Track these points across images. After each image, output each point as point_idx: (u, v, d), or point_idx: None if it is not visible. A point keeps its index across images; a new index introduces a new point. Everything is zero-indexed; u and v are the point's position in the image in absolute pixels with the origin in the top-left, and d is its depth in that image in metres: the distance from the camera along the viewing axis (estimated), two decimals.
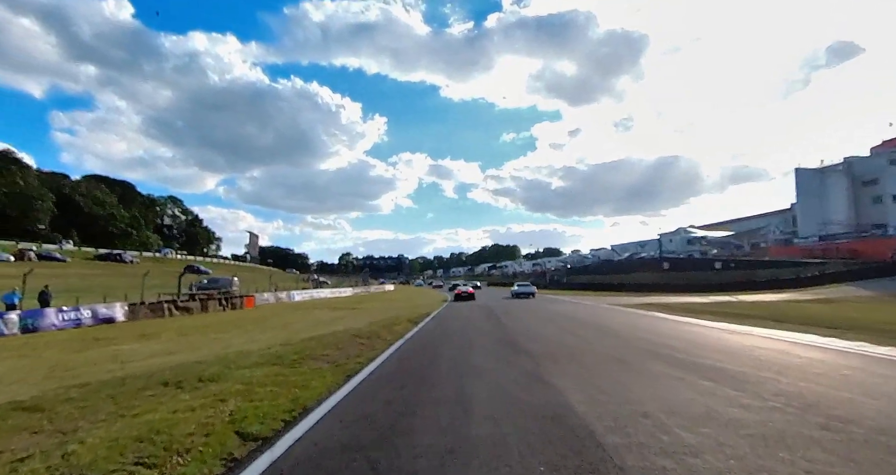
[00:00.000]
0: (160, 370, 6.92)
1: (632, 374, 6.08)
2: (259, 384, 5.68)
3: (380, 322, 15.28)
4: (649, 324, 13.19)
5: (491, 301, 29.27)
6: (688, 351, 7.96)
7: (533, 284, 53.34)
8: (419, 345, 9.63)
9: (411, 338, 10.86)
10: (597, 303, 23.77)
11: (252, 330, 13.74)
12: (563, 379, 5.87)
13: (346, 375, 6.40)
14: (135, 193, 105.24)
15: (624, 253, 55.30)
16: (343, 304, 29.71)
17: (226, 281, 37.95)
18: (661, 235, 56.79)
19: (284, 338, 10.91)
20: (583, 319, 15.02)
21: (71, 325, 15.01)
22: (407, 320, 15.84)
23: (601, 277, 51.24)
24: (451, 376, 6.17)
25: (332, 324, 15.16)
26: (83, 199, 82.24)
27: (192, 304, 21.45)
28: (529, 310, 20.32)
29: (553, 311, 18.94)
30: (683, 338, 9.73)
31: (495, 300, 30.41)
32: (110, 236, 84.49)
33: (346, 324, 15.04)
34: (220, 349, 9.37)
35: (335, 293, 45.60)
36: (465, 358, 7.68)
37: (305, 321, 16.72)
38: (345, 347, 9.24)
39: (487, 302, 28.06)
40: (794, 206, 51.61)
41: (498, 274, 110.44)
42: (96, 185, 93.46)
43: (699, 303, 22.08)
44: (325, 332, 12.13)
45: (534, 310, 19.62)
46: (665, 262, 42.76)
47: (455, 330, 12.43)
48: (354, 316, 19.45)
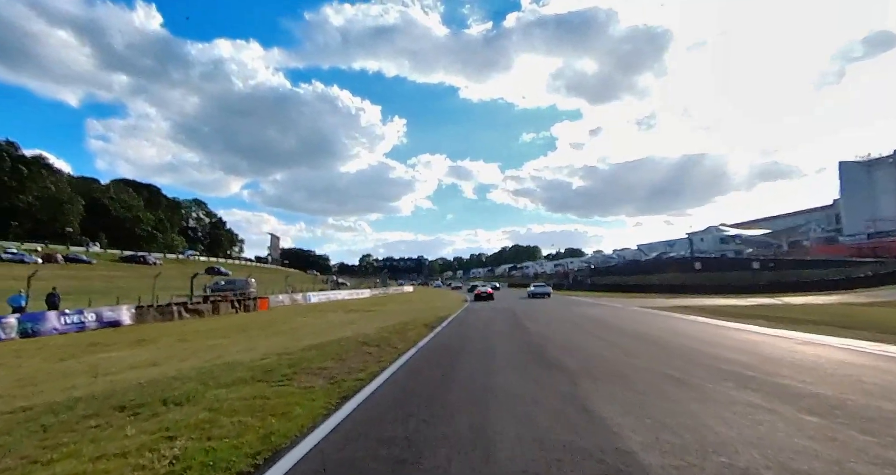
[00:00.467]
0: (127, 388, 5.93)
1: (700, 402, 4.72)
2: (229, 411, 4.58)
3: (393, 326, 14.18)
4: (697, 331, 11.64)
5: (512, 302, 27.88)
6: (759, 367, 6.51)
7: (556, 286, 53.13)
8: (433, 355, 8.42)
9: (425, 346, 9.68)
10: (627, 306, 22.12)
11: (256, 335, 12.82)
12: (610, 407, 4.57)
13: (342, 397, 5.25)
14: (160, 196, 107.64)
15: (651, 252, 52.86)
16: (359, 306, 28.80)
17: (242, 282, 37.64)
18: (689, 234, 53.98)
19: (285, 346, 9.89)
20: (616, 325, 13.54)
21: (74, 329, 14.44)
22: (423, 325, 14.68)
23: (627, 278, 49.04)
24: (468, 402, 4.94)
25: (341, 328, 14.13)
26: (111, 202, 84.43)
27: (203, 307, 20.84)
28: (555, 313, 18.89)
29: (581, 315, 17.47)
30: (744, 350, 8.24)
31: (517, 301, 29.01)
32: (137, 238, 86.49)
33: (356, 328, 13.98)
34: (209, 359, 8.38)
35: (353, 295, 44.92)
36: (485, 375, 6.44)
37: (315, 325, 15.75)
38: (348, 358, 8.12)
39: (509, 304, 26.69)
40: (837, 202, 48.29)
41: (518, 275, 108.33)
42: (124, 188, 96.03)
43: (743, 307, 20.19)
44: (331, 339, 11.07)
45: (560, 314, 18.18)
46: (697, 262, 40.39)
47: (474, 337, 11.18)
48: (368, 319, 18.43)
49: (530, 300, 30.43)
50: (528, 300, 30.70)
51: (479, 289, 35.38)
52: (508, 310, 20.89)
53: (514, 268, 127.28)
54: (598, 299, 30.21)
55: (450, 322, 15.92)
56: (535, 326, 13.51)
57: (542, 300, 28.76)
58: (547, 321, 15.25)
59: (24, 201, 66.28)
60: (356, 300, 39.59)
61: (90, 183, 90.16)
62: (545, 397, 5.09)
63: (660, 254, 49.46)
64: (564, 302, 27.79)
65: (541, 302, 28.27)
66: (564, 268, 75.43)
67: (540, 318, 16.27)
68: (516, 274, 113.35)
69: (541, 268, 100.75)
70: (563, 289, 54.42)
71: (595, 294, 39.03)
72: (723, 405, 4.56)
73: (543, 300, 29.00)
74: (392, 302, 35.71)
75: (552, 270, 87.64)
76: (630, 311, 18.95)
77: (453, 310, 22.23)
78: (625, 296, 34.98)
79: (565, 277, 66.16)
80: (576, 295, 38.98)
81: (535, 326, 13.50)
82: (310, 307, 29.19)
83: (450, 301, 34.85)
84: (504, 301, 31.35)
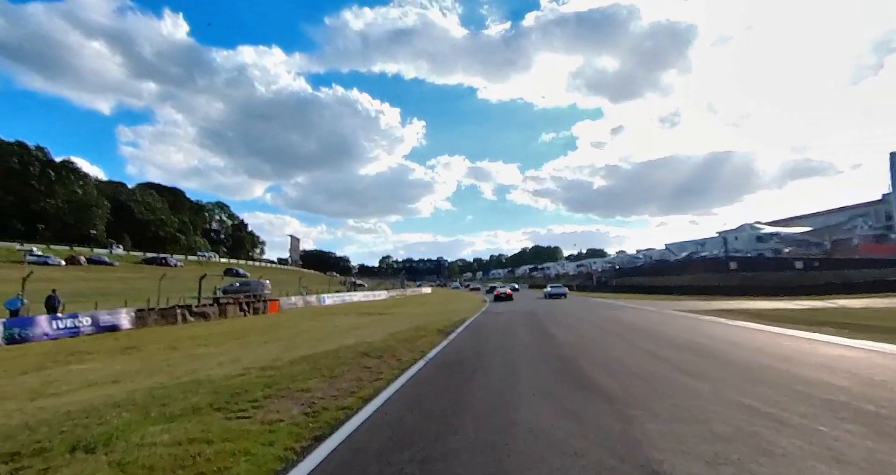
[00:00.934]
0: (49, 420, 4.71)
1: (828, 462, 3.15)
2: (141, 469, 3.26)
3: (403, 332, 12.84)
4: (756, 341, 9.86)
5: (533, 304, 26.23)
6: (872, 396, 4.85)
7: (579, 287, 51.79)
8: (442, 373, 7.00)
9: (435, 359, 8.28)
10: (661, 310, 20.22)
11: (250, 342, 11.66)
12: (689, 467, 3.06)
13: (313, 438, 3.90)
14: (184, 199, 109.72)
15: (681, 252, 50.07)
16: (373, 309, 27.64)
17: (257, 284, 37.03)
18: (721, 233, 50.85)
19: (274, 357, 8.64)
20: (657, 332, 11.83)
21: (67, 334, 13.63)
22: (436, 330, 13.31)
23: (655, 279, 46.54)
24: (482, 452, 3.50)
25: (346, 334, 12.87)
26: (136, 205, 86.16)
27: (209, 310, 19.98)
28: (583, 318, 17.21)
29: (613, 320, 15.76)
30: (832, 368, 6.49)
31: (538, 303, 27.33)
32: (160, 240, 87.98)
33: (362, 334, 12.69)
34: (180, 375, 7.18)
35: (369, 296, 43.93)
36: (506, 405, 4.97)
37: (319, 330, 14.55)
38: (341, 374, 6.79)
39: (529, 306, 25.05)
40: (886, 197, 44.60)
41: (539, 276, 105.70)
42: (148, 191, 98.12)
43: (795, 310, 18.07)
44: (330, 348, 9.79)
45: (589, 319, 16.50)
46: (732, 262, 37.76)
47: (493, 347, 9.71)
48: (378, 323, 17.16)
49: (552, 302, 28.74)
50: (549, 302, 29.02)
51: (498, 290, 36.13)
52: (530, 314, 19.29)
53: (535, 270, 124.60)
54: (627, 301, 28.25)
55: (466, 327, 14.49)
56: (562, 334, 11.94)
57: (566, 302, 27.06)
58: (575, 327, 13.64)
59: (53, 205, 67.92)
60: (371, 302, 38.53)
61: (116, 186, 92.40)
62: (589, 445, 3.59)
63: (690, 253, 46.72)
64: (591, 304, 25.97)
65: (565, 304, 26.51)
66: (587, 268, 72.68)
67: (567, 323, 14.65)
68: (537, 275, 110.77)
69: (562, 268, 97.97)
70: (586, 291, 52.25)
71: (622, 296, 36.92)
72: (867, 470, 2.99)
73: (568, 302, 27.31)
74: (408, 304, 34.48)
75: (574, 271, 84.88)
76: (667, 316, 17.12)
77: (471, 313, 20.78)
78: (655, 299, 32.82)
79: (589, 278, 63.75)
80: (602, 296, 36.96)
81: (564, 334, 11.93)
82: (321, 310, 28.19)
83: (468, 303, 33.41)
84: (524, 303, 29.72)
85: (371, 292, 49.23)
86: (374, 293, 48.90)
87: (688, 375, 6.29)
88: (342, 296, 38.87)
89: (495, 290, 38.48)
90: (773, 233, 43.70)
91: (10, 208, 64.02)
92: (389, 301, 41.23)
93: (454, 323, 15.74)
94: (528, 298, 36.90)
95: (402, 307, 31.05)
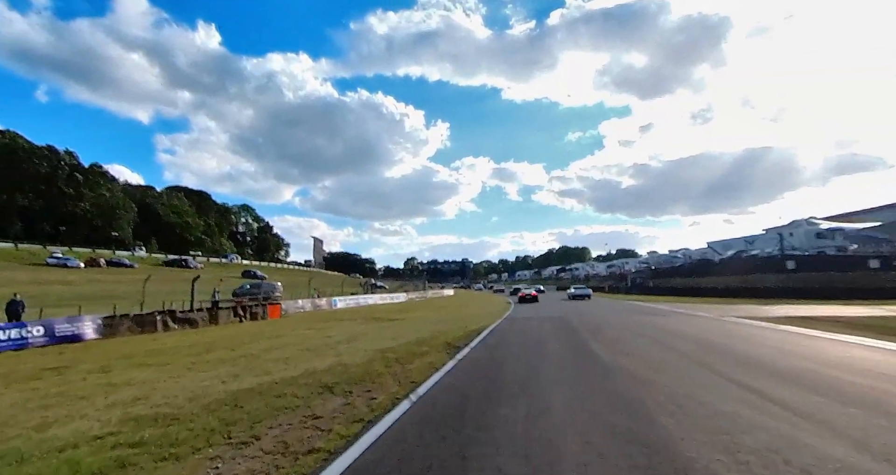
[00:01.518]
0: None
1: None
2: None
3: (402, 346, 10.21)
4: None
5: (563, 309, 23.08)
6: None
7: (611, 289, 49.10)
8: (428, 433, 4.24)
9: (426, 396, 5.55)
10: (721, 317, 16.82)
11: (207, 361, 9.22)
12: None
13: None
14: (210, 202, 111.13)
15: (726, 251, 45.42)
16: (384, 313, 25.15)
17: (268, 286, 35.32)
18: (769, 230, 45.71)
19: (198, 392, 6.11)
20: (738, 352, 8.66)
21: (11, 347, 11.62)
22: (444, 344, 10.63)
23: (698, 280, 42.29)
24: None
25: (329, 350, 10.29)
26: (162, 208, 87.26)
27: (197, 316, 17.88)
28: (629, 327, 14.11)
29: (667, 331, 12.62)
30: None
31: (567, 307, 24.12)
32: (186, 243, 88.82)
33: (350, 350, 10.11)
34: (24, 431, 4.70)
35: (385, 299, 41.59)
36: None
37: (302, 342, 12.05)
38: (263, 433, 4.17)
39: (559, 310, 21.95)
40: None
41: (567, 277, 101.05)
42: (176, 195, 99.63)
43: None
44: (290, 374, 7.23)
45: (637, 329, 13.40)
46: (789, 261, 33.34)
47: (516, 375, 6.88)
48: (380, 332, 14.59)
49: (586, 307, 25.57)
50: (582, 306, 25.83)
51: (522, 292, 36.04)
52: (561, 321, 16.30)
53: (563, 270, 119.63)
54: (673, 305, 24.72)
55: (483, 339, 11.71)
56: (610, 353, 9.00)
57: (604, 307, 23.98)
58: (625, 343, 10.63)
59: (81, 208, 69.00)
60: (385, 305, 36.12)
61: (145, 190, 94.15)
62: None
63: (737, 252, 42.16)
64: (633, 310, 22.64)
65: (603, 309, 23.22)
66: (620, 269, 68.00)
67: (612, 337, 11.64)
68: (565, 276, 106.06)
69: (592, 269, 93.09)
70: (620, 293, 48.34)
71: (662, 298, 33.15)
72: None
73: (607, 307, 24.25)
74: (424, 308, 31.87)
75: (606, 272, 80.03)
76: (736, 326, 13.79)
77: (491, 319, 17.95)
78: (701, 302, 29.02)
79: (621, 279, 59.51)
80: (641, 300, 33.29)
81: (612, 353, 8.99)
82: (327, 315, 25.88)
83: (489, 307, 30.51)
84: (552, 306, 26.56)
85: (389, 294, 46.95)
86: (393, 295, 46.58)
87: (851, 443, 3.31)
88: (357, 298, 36.64)
89: (520, 292, 37.70)
90: (835, 228, 38.67)
91: (39, 212, 65.29)
92: (405, 304, 38.76)
93: (469, 333, 12.99)
94: (555, 301, 33.64)
95: (417, 311, 28.46)
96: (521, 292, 37.52)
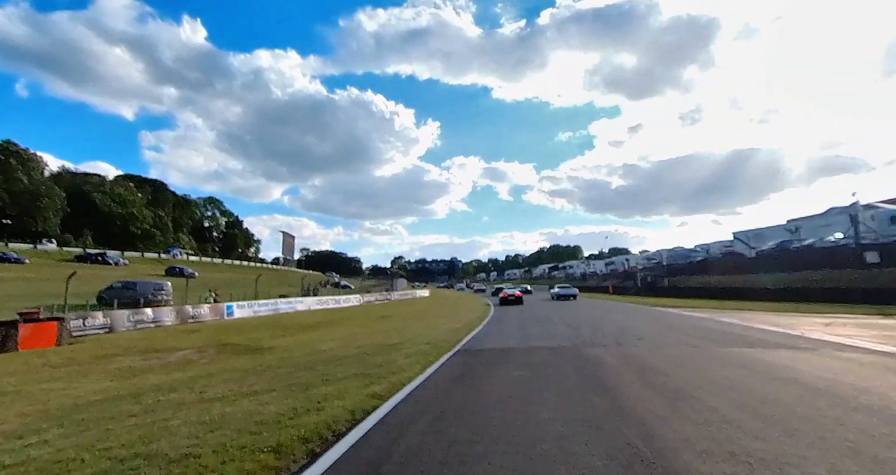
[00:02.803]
0: None
1: None
2: None
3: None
4: None
5: (570, 319, 13.48)
6: None
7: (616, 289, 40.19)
8: None
9: None
10: (859, 347, 7.47)
11: None
12: None
13: None
14: (167, 193, 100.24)
15: (761, 242, 36.50)
16: (289, 329, 15.52)
17: (148, 287, 25.40)
18: (829, 211, 36.06)
19: None
20: None
21: None
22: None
23: (731, 279, 33.30)
24: None
25: None
26: (102, 197, 76.41)
27: None
28: (690, 364, 4.49)
29: (755, 370, 2.98)
30: None
31: (572, 316, 14.47)
32: (131, 236, 78.25)
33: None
34: None
35: (327, 303, 31.85)
36: None
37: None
38: None
39: (564, 324, 12.39)
40: None
41: (561, 276, 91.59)
42: (123, 184, 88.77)
43: None
44: None
45: (742, 382, 3.78)
46: (870, 252, 24.38)
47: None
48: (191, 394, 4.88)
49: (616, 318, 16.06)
50: (610, 318, 16.36)
51: (505, 292, 30.27)
52: (575, 353, 6.88)
53: (556, 269, 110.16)
54: (733, 316, 15.48)
55: (432, 389, 2.10)
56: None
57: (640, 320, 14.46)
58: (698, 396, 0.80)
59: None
60: (310, 313, 26.48)
61: (84, 177, 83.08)
62: None
63: (781, 242, 33.38)
64: (693, 330, 13.24)
65: (649, 327, 13.72)
66: (625, 265, 58.53)
67: (669, 381, 1.86)
68: (558, 275, 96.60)
69: (589, 267, 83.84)
70: (629, 295, 39.03)
71: (702, 305, 23.92)
72: None
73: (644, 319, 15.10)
74: (363, 317, 22.32)
75: (605, 270, 70.76)
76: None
77: (459, 336, 9.27)
78: (760, 309, 19.77)
79: (626, 278, 50.23)
80: (671, 305, 24.01)
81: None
82: (160, 337, 16.00)
83: (464, 313, 21.12)
84: (548, 314, 17.01)
85: (343, 296, 37.26)
86: (346, 298, 36.87)
87: None
88: (277, 303, 26.85)
89: (502, 293, 30.85)
90: None
91: None
92: (347, 311, 29.11)
93: (397, 384, 3.39)
94: (554, 308, 24.19)
95: (349, 323, 18.88)
96: (503, 292, 30.45)
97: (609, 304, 26.58)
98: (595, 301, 30.59)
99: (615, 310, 20.77)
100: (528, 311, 21.12)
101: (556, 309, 22.47)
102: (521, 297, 29.11)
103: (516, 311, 21.47)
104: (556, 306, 24.95)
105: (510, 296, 28.42)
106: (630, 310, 20.67)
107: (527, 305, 26.37)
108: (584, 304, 26.34)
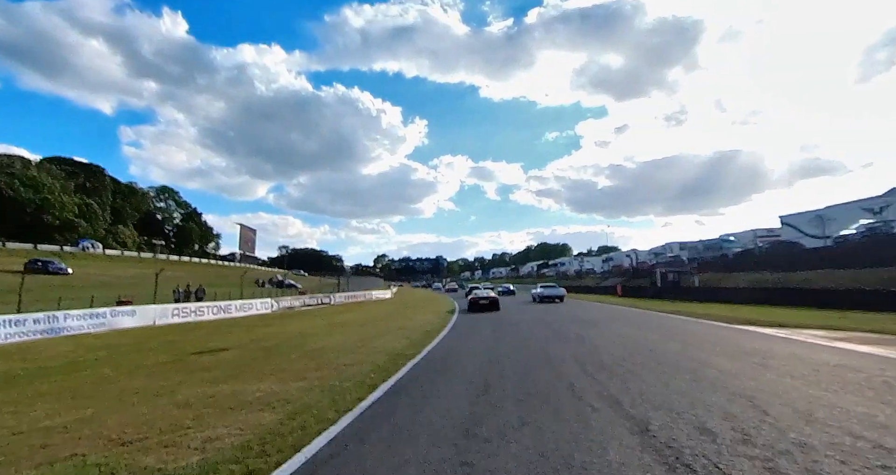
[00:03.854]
0: None
1: None
2: None
3: None
4: None
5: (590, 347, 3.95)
6: None
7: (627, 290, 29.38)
8: None
9: None
10: None
11: None
12: None
13: None
14: (104, 180, 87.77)
15: (824, 226, 27.05)
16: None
17: None
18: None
19: None
20: None
21: None
22: None
23: (788, 276, 23.98)
24: None
25: None
26: (7, 180, 64.16)
27: None
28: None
29: None
30: None
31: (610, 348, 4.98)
32: (47, 227, 66.25)
33: None
34: None
35: (230, 310, 21.28)
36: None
37: None
38: None
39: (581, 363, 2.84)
40: None
41: (552, 274, 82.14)
42: (47, 167, 76.34)
43: None
44: None
45: None
46: None
47: None
48: None
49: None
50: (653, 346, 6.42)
51: (474, 295, 22.70)
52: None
53: (545, 266, 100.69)
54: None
55: None
56: None
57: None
58: None
59: None
60: (206, 324, 15.87)
61: (6, 159, 70.51)
62: None
63: (869, 227, 24.25)
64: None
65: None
66: (632, 261, 48.45)
67: None
68: (548, 273, 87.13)
69: (582, 264, 74.35)
70: (648, 298, 29.22)
71: (781, 311, 14.12)
72: None
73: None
74: (266, 329, 11.91)
75: (604, 267, 61.29)
76: None
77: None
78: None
79: (636, 276, 40.54)
80: (763, 321, 14.25)
81: None
82: None
83: (419, 321, 11.06)
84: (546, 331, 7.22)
85: (276, 300, 26.81)
86: (268, 302, 26.39)
87: None
88: (129, 311, 16.21)
89: (471, 295, 23.35)
90: None
91: None
92: (266, 317, 18.56)
93: None
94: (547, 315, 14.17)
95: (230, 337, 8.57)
96: (472, 295, 23.57)
97: (652, 320, 16.26)
98: (615, 309, 20.70)
99: (695, 342, 10.75)
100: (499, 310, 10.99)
101: (544, 316, 12.41)
102: (497, 301, 21.68)
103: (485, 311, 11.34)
104: (542, 311, 14.86)
105: (481, 300, 21.29)
106: (722, 342, 10.69)
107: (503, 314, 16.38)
108: (602, 317, 16.33)
